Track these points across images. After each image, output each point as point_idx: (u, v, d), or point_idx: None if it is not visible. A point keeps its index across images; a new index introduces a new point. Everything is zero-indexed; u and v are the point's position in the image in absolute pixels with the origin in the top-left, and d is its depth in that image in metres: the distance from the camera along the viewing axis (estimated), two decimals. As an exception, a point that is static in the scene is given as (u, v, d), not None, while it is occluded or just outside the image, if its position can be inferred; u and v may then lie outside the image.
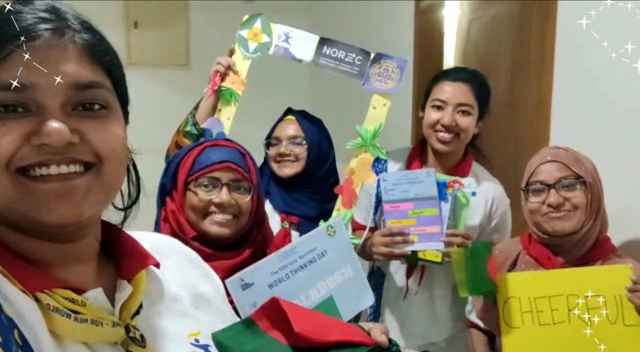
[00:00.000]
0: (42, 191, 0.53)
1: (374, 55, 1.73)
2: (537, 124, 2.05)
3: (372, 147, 1.71)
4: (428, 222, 1.62)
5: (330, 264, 1.31)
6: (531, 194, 1.46)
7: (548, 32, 1.98)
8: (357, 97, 1.84)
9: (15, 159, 0.53)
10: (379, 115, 1.72)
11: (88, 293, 0.57)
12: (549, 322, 1.37)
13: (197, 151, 1.35)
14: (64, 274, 0.57)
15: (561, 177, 1.42)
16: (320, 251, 1.30)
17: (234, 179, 1.32)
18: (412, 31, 2.87)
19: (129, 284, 0.61)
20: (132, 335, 0.58)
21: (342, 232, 1.36)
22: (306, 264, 1.26)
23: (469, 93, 1.70)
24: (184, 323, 0.67)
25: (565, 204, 1.41)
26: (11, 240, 0.56)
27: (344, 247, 1.35)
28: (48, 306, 0.53)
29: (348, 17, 3.56)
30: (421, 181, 1.60)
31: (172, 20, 3.89)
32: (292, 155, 1.80)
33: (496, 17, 2.42)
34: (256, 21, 1.75)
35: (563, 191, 1.42)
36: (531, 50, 2.15)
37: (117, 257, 0.64)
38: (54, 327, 0.53)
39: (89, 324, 0.54)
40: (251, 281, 1.17)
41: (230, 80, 1.73)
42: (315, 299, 1.27)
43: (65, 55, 0.55)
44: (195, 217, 1.32)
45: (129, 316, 0.59)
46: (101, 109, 0.57)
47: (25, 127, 0.53)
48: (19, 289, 0.52)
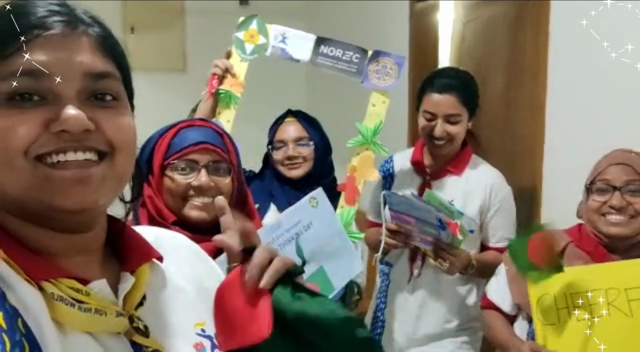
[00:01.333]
0: (60, 178, 0.54)
1: (371, 52, 1.74)
2: (532, 124, 2.07)
3: (373, 145, 1.72)
4: (427, 234, 1.68)
5: (316, 235, 1.28)
6: (595, 192, 1.44)
7: (542, 34, 2.00)
8: (353, 96, 1.85)
9: (34, 147, 0.53)
10: (378, 112, 1.73)
11: (92, 284, 0.57)
12: (586, 318, 1.33)
13: (171, 133, 1.28)
14: (69, 265, 0.58)
15: (629, 181, 1.40)
16: (306, 223, 1.27)
17: (212, 161, 1.26)
18: (407, 33, 2.89)
19: (132, 276, 0.62)
20: (135, 325, 0.59)
21: (325, 202, 1.34)
22: (293, 237, 1.24)
23: (455, 103, 1.76)
24: (190, 313, 0.67)
25: (629, 208, 1.39)
26: (17, 229, 0.56)
27: (328, 218, 1.33)
28: (52, 295, 0.53)
29: (344, 19, 3.58)
30: (421, 209, 1.63)
31: (168, 25, 3.90)
32: (300, 156, 1.80)
33: (491, 19, 2.44)
34: (252, 22, 1.76)
35: (628, 195, 1.39)
36: (526, 52, 2.16)
37: (121, 250, 0.65)
38: (57, 316, 0.53)
39: (93, 314, 0.55)
40: None
41: (229, 82, 1.73)
42: (306, 271, 1.24)
43: (80, 46, 0.56)
44: (174, 202, 1.26)
45: (132, 307, 0.60)
46: (113, 99, 0.58)
47: (43, 114, 0.54)
48: (23, 278, 0.53)
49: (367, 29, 3.23)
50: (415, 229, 1.71)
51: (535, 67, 2.05)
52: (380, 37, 3.12)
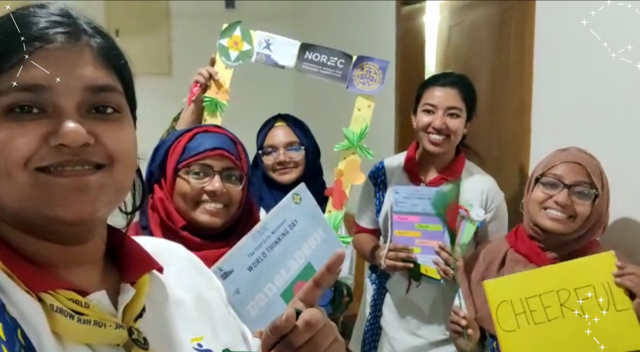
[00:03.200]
0: (58, 186, 0.54)
1: (356, 58, 1.74)
2: (518, 126, 2.08)
3: (359, 149, 1.72)
4: (431, 237, 1.70)
5: (302, 231, 1.28)
6: (542, 185, 1.46)
7: (527, 36, 2.02)
8: (340, 100, 1.85)
9: (34, 160, 0.53)
10: (364, 116, 1.73)
11: (92, 295, 0.57)
12: (543, 320, 1.37)
13: (187, 137, 1.29)
14: (69, 276, 0.58)
15: (579, 182, 1.41)
16: (290, 221, 1.26)
17: (226, 168, 1.27)
18: (394, 36, 2.90)
19: (132, 287, 0.61)
20: (134, 337, 0.58)
21: (307, 197, 1.33)
22: (280, 238, 1.23)
23: (457, 97, 1.77)
24: (188, 327, 0.67)
25: (571, 208, 1.41)
26: (17, 241, 0.56)
27: (312, 212, 1.32)
28: (51, 306, 0.53)
29: (330, 22, 3.58)
30: (430, 198, 1.63)
31: (153, 29, 3.88)
32: (291, 162, 1.80)
33: (476, 22, 2.46)
34: (236, 29, 1.75)
35: (574, 196, 1.41)
36: (511, 54, 2.18)
37: (121, 261, 0.64)
38: (56, 327, 0.53)
39: (92, 325, 0.54)
40: (230, 268, 1.14)
41: (214, 89, 1.72)
42: (295, 269, 1.24)
43: (81, 59, 0.56)
44: (186, 206, 1.26)
45: (131, 319, 0.59)
46: (114, 112, 0.58)
47: (42, 127, 0.53)
48: (23, 289, 0.53)
49: (354, 32, 3.24)
50: (419, 234, 1.69)
51: (520, 70, 2.07)
52: (367, 40, 3.13)
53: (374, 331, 1.95)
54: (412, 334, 1.84)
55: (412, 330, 1.84)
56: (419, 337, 1.83)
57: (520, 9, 2.09)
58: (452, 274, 1.62)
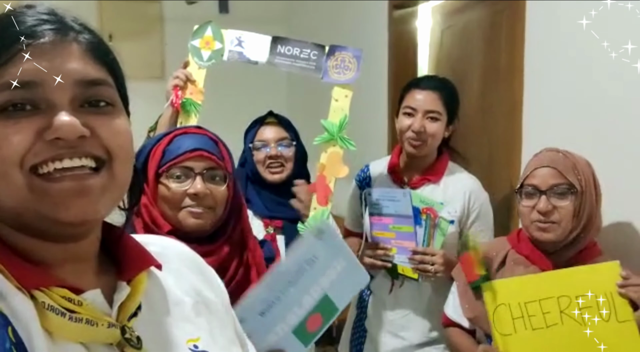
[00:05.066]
0: (58, 191, 0.54)
1: (328, 48, 1.73)
2: (510, 129, 2.09)
3: (339, 140, 1.69)
4: (405, 238, 1.72)
5: (321, 267, 1.13)
6: (524, 196, 1.46)
7: (518, 39, 2.03)
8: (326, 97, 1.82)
9: (29, 157, 0.53)
10: (342, 107, 1.71)
11: (86, 294, 0.57)
12: (541, 326, 1.34)
13: (166, 140, 1.26)
14: (63, 274, 0.57)
15: (554, 185, 1.41)
16: (309, 258, 1.11)
17: (207, 168, 1.24)
18: (386, 40, 2.91)
19: (127, 286, 0.61)
20: (127, 337, 0.58)
21: (330, 230, 1.16)
22: (295, 278, 1.10)
23: (437, 101, 1.78)
24: (184, 328, 0.66)
25: (554, 212, 1.40)
26: (10, 238, 0.56)
27: (334, 244, 1.16)
28: (43, 304, 0.53)
29: (323, 25, 3.59)
30: (399, 200, 1.69)
31: (147, 33, 3.88)
32: (282, 157, 1.79)
33: (467, 25, 2.47)
34: (207, 29, 1.75)
35: (554, 199, 1.41)
36: (502, 57, 2.19)
37: (118, 258, 0.64)
38: (48, 325, 0.53)
39: (84, 324, 0.54)
40: (242, 316, 0.98)
41: (189, 90, 1.72)
42: (309, 304, 1.12)
43: (71, 54, 0.56)
44: (170, 210, 1.24)
45: (126, 317, 0.59)
46: (107, 105, 0.58)
47: (36, 123, 0.53)
48: (14, 286, 0.52)
49: (347, 35, 3.24)
50: (394, 235, 1.71)
51: (511, 72, 2.08)
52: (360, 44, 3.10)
53: (359, 333, 1.95)
54: (395, 336, 1.84)
55: (395, 332, 1.84)
56: (402, 339, 1.83)
57: (510, 12, 2.10)
58: (432, 271, 1.66)
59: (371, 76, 3.04)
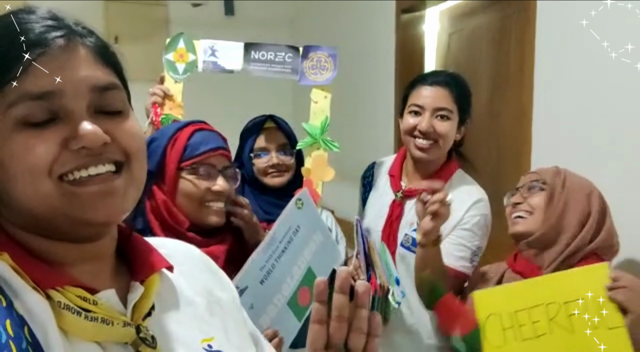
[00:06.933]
0: (87, 194, 0.55)
1: (302, 49, 1.70)
2: (518, 134, 2.07)
3: (322, 142, 1.66)
4: None
5: (304, 236, 1.28)
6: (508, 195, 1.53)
7: (527, 44, 2.01)
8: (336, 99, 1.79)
9: (56, 166, 0.54)
10: (322, 108, 1.68)
11: (101, 293, 0.58)
12: (531, 337, 1.28)
13: (185, 135, 1.27)
14: (78, 274, 0.58)
15: (529, 181, 1.48)
16: (294, 227, 1.27)
17: (225, 166, 1.29)
18: (393, 44, 2.89)
19: (141, 286, 0.62)
20: (142, 336, 0.58)
21: (308, 201, 1.33)
22: (286, 246, 1.24)
23: (447, 97, 1.60)
24: (198, 328, 0.67)
25: (523, 204, 1.45)
26: (26, 240, 0.57)
27: (312, 216, 1.32)
28: (59, 303, 0.54)
29: (330, 29, 3.58)
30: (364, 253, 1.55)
31: (152, 36, 3.87)
32: (284, 165, 1.74)
33: (476, 29, 2.45)
34: (179, 41, 1.72)
35: (525, 192, 1.46)
36: (511, 62, 2.18)
37: (131, 259, 0.65)
38: (64, 324, 0.53)
39: (99, 323, 0.55)
40: (244, 285, 1.14)
41: (168, 106, 1.69)
42: (298, 276, 1.25)
43: (80, 59, 0.56)
44: (191, 206, 1.25)
45: (140, 317, 0.60)
46: (119, 109, 0.59)
47: (59, 133, 0.54)
48: (30, 286, 0.53)
49: (354, 39, 3.23)
50: None
51: (520, 77, 2.06)
52: (366, 49, 3.12)
53: None
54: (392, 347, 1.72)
55: (391, 344, 1.73)
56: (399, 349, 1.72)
57: (520, 16, 2.08)
58: None
59: (378, 81, 3.03)
